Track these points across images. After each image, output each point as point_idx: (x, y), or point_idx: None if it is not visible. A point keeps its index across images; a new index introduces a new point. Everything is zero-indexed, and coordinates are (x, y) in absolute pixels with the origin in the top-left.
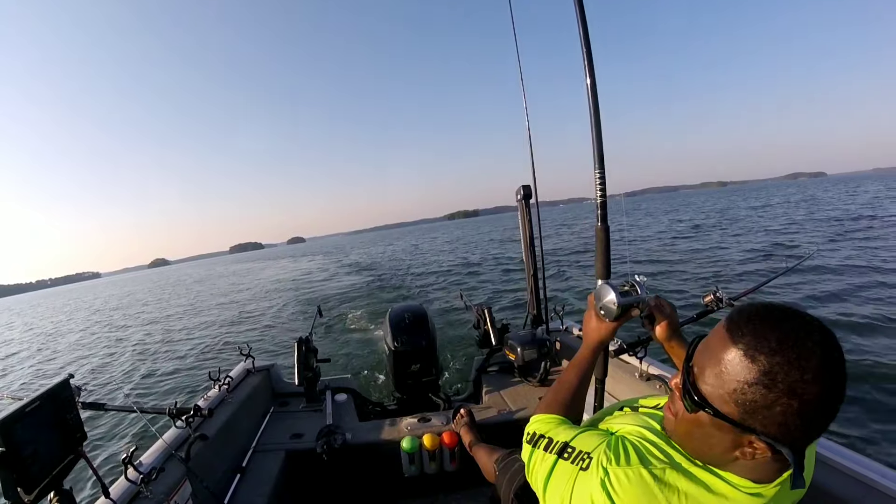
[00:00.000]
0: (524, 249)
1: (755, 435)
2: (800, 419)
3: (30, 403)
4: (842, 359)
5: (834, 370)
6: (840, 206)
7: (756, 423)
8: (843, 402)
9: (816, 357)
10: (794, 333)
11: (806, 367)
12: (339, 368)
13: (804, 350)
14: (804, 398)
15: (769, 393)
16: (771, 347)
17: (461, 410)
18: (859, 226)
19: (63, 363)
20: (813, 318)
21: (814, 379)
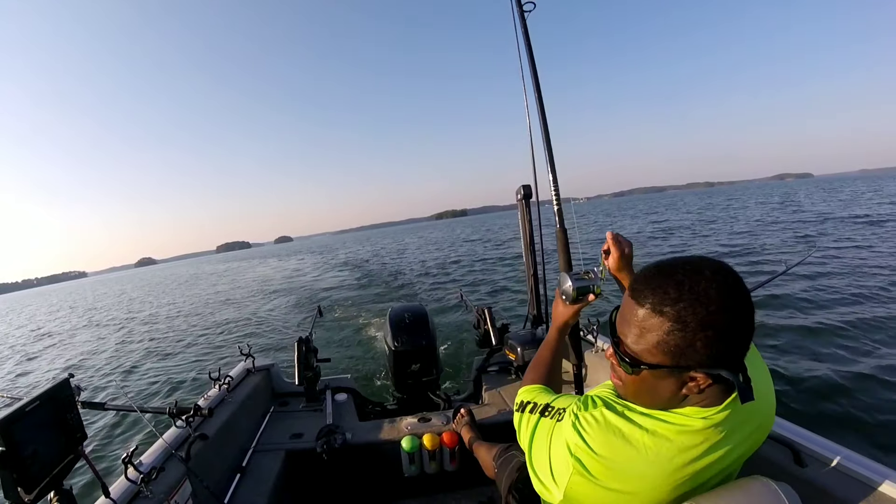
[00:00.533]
0: (524, 249)
1: (691, 370)
2: (721, 343)
3: (30, 403)
4: (736, 281)
5: (733, 294)
6: (810, 209)
7: (687, 361)
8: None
9: (713, 290)
10: (687, 278)
11: (707, 302)
12: (339, 368)
13: (699, 289)
14: (717, 326)
15: (686, 334)
16: (672, 298)
17: (461, 410)
18: (824, 227)
19: (63, 363)
20: (699, 258)
21: (718, 309)
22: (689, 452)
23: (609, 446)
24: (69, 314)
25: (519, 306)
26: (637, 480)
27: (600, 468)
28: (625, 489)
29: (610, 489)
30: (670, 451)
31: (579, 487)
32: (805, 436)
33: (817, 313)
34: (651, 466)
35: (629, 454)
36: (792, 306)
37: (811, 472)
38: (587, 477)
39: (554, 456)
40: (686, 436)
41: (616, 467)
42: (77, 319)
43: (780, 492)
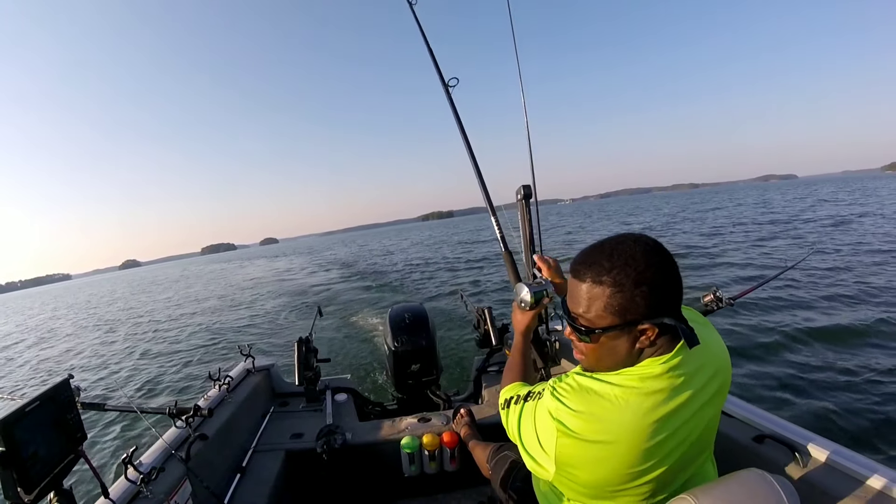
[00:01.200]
0: (524, 249)
1: (639, 324)
2: (657, 294)
3: (30, 403)
4: (656, 243)
5: (656, 253)
6: (781, 211)
7: (633, 316)
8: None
9: (638, 253)
10: (615, 249)
11: (636, 263)
12: (339, 368)
13: (627, 254)
14: (649, 281)
15: (625, 293)
16: (606, 267)
17: (461, 410)
18: (787, 228)
19: (62, 363)
20: (618, 234)
21: (646, 267)
22: (656, 396)
23: (585, 402)
24: (66, 315)
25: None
26: (615, 427)
27: (580, 423)
28: (607, 439)
29: (593, 442)
30: (638, 396)
31: (567, 449)
32: (805, 436)
33: (798, 313)
34: (624, 412)
35: (604, 405)
36: (780, 307)
37: (811, 472)
38: (571, 435)
39: (539, 427)
40: (649, 381)
41: (594, 419)
42: (75, 320)
43: (776, 483)
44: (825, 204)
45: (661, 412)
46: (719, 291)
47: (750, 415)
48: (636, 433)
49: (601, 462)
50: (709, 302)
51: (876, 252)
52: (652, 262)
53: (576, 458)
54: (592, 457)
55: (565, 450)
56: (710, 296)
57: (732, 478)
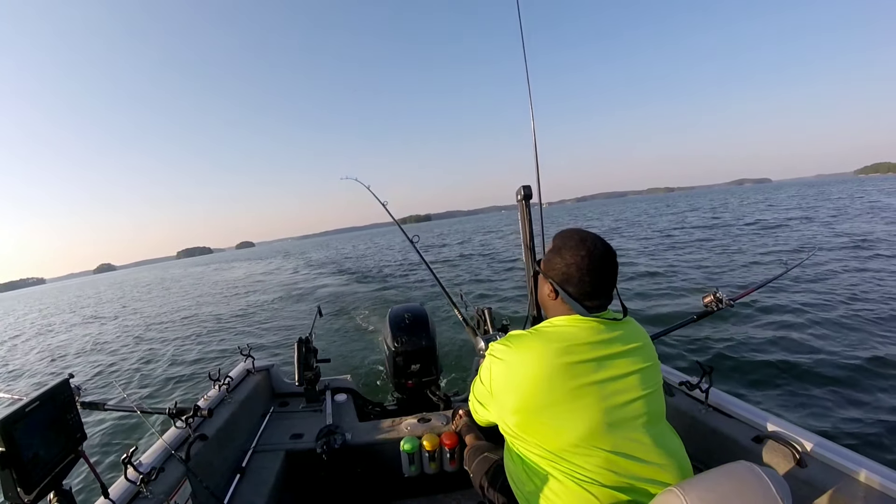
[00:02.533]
0: (524, 250)
1: (549, 279)
2: (571, 269)
3: (30, 403)
4: (595, 243)
5: (585, 245)
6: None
7: (548, 271)
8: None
9: (576, 236)
10: (575, 232)
11: (571, 243)
12: (339, 369)
13: (574, 235)
14: (570, 259)
15: (553, 254)
16: (559, 236)
17: (461, 411)
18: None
19: (62, 363)
20: (581, 230)
21: (575, 249)
22: (564, 333)
23: (513, 338)
24: (58, 316)
25: (520, 307)
26: (528, 349)
27: (505, 349)
28: (522, 358)
29: (514, 363)
30: (549, 331)
31: (497, 373)
32: (805, 436)
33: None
34: (536, 339)
35: (524, 337)
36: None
37: (811, 472)
38: (498, 360)
39: (481, 372)
40: (558, 325)
41: (515, 346)
42: (69, 321)
43: (765, 474)
44: (770, 208)
45: (566, 344)
46: (719, 292)
47: (750, 415)
48: (544, 353)
49: (520, 378)
50: (709, 303)
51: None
52: (582, 250)
53: (503, 379)
54: (514, 375)
55: (496, 375)
56: (710, 297)
57: (721, 470)
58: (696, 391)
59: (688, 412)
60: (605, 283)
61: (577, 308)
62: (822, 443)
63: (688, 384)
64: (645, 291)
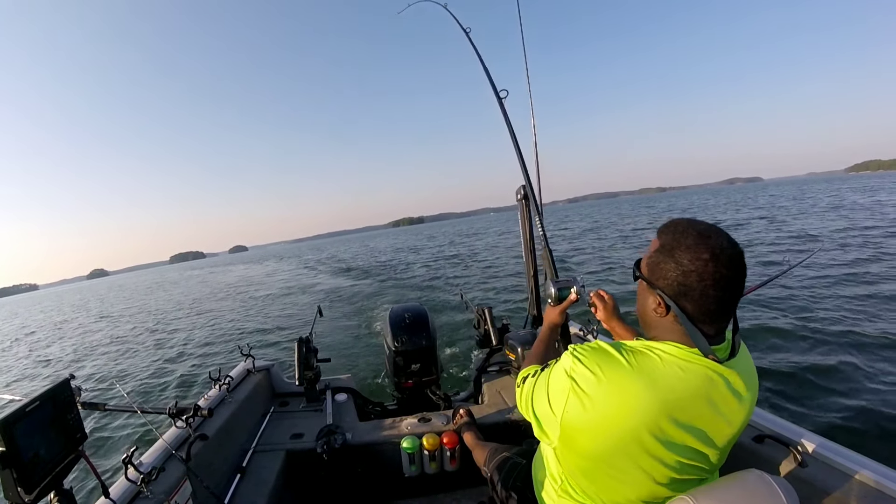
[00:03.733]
0: (524, 250)
1: (657, 290)
2: (689, 279)
3: (30, 403)
4: (727, 244)
5: (709, 248)
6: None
7: (656, 279)
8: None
9: (700, 236)
10: (692, 224)
11: (688, 242)
12: (339, 368)
13: (691, 231)
14: (686, 264)
15: (662, 255)
16: (668, 228)
17: (461, 411)
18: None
19: (63, 363)
20: (699, 223)
21: (694, 250)
22: (672, 376)
23: (602, 362)
24: (64, 319)
25: (519, 306)
26: (626, 395)
27: (593, 382)
28: (614, 403)
29: (601, 404)
30: (657, 368)
31: (574, 410)
32: (805, 435)
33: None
34: (637, 381)
35: (619, 369)
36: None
37: (811, 472)
38: (581, 393)
39: (552, 389)
40: (669, 358)
41: (605, 381)
42: (73, 323)
43: (776, 484)
44: (741, 208)
45: (675, 395)
46: None
47: None
48: (646, 403)
49: (604, 430)
50: None
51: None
52: (704, 251)
53: (581, 423)
54: (597, 423)
55: (573, 411)
56: None
57: (733, 479)
58: None
59: None
60: (731, 300)
61: (694, 336)
62: (823, 443)
63: None
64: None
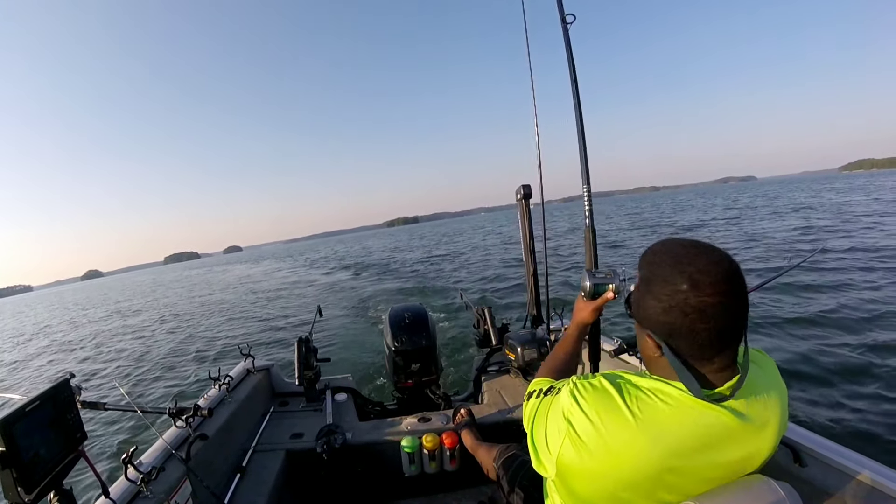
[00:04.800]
0: (524, 249)
1: (646, 330)
2: (673, 313)
3: (30, 403)
4: (699, 269)
5: (689, 280)
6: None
7: (641, 318)
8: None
9: (667, 269)
10: (660, 260)
11: (666, 281)
12: (339, 368)
13: (663, 270)
14: (665, 295)
15: (641, 291)
16: (647, 254)
17: (461, 410)
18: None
19: (62, 363)
20: (678, 243)
21: (670, 290)
22: (674, 423)
23: (601, 407)
24: (68, 318)
25: (519, 306)
26: (627, 450)
27: (590, 433)
28: (613, 459)
29: (598, 456)
30: (656, 419)
31: (569, 456)
32: (805, 436)
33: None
34: (639, 435)
35: (619, 419)
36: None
37: (811, 472)
38: (577, 441)
39: (549, 426)
40: (671, 404)
41: (604, 432)
42: (73, 322)
43: (782, 491)
44: (710, 209)
45: (675, 446)
46: None
47: None
48: (644, 455)
49: (600, 479)
50: None
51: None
52: (682, 281)
53: (576, 468)
54: (593, 471)
55: (568, 455)
56: None
57: (737, 484)
58: None
59: None
60: (730, 328)
61: (688, 383)
62: (822, 442)
63: None
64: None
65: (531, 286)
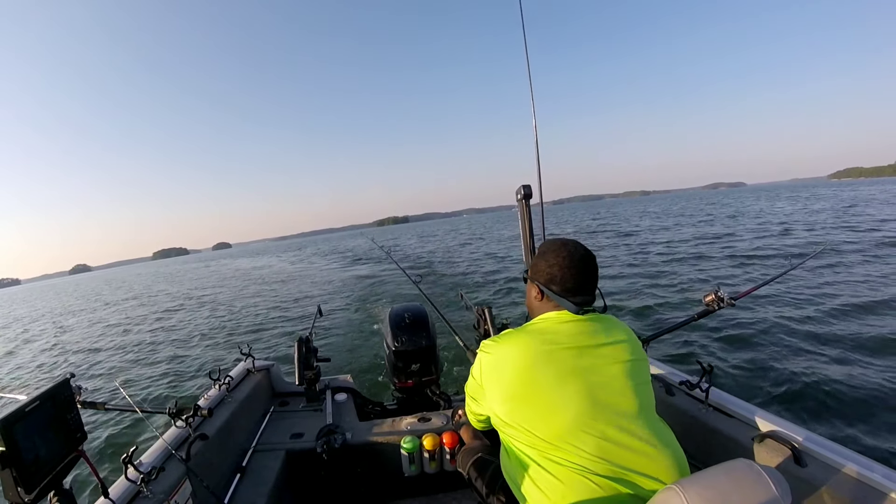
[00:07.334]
0: (524, 249)
1: (535, 282)
2: (552, 271)
3: (30, 403)
4: (574, 247)
5: (561, 250)
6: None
7: (534, 276)
8: None
9: (557, 246)
10: (551, 243)
11: (550, 249)
12: (339, 368)
13: (552, 243)
14: (549, 262)
15: (537, 261)
16: (541, 251)
17: (460, 411)
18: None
19: (63, 363)
20: (562, 238)
21: (555, 253)
22: (545, 326)
23: (501, 334)
24: (62, 315)
25: (519, 306)
26: (511, 342)
27: (492, 344)
28: (506, 350)
29: (499, 356)
30: (533, 325)
31: (485, 366)
32: (805, 436)
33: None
34: (520, 333)
35: (510, 332)
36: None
37: (811, 472)
38: (486, 353)
39: (473, 369)
40: (543, 319)
41: (501, 340)
42: (75, 321)
43: (764, 472)
44: (663, 216)
45: (549, 335)
46: (721, 291)
47: (750, 414)
48: (528, 342)
49: (505, 369)
50: (710, 302)
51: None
52: (563, 252)
53: (490, 372)
54: (499, 367)
55: (485, 367)
56: (711, 296)
57: (720, 468)
58: (696, 391)
59: (688, 411)
60: (587, 280)
61: (563, 303)
62: (822, 442)
63: (688, 384)
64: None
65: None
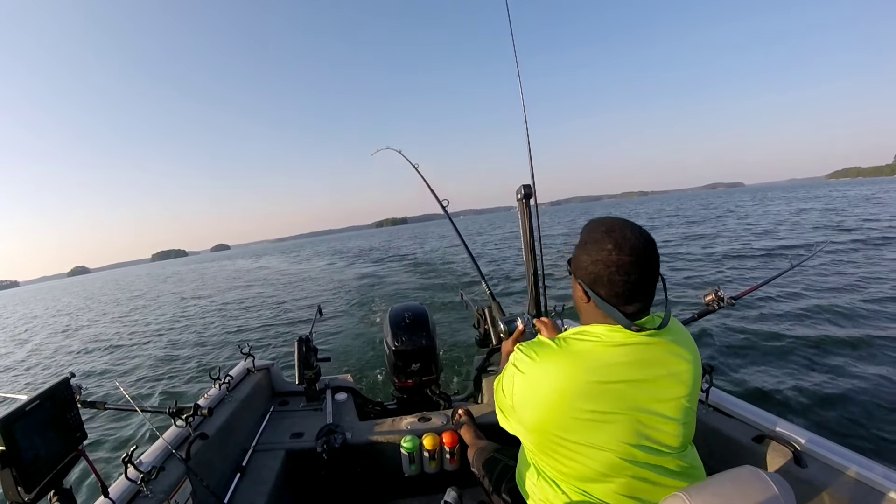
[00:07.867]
0: (524, 249)
1: (577, 279)
2: (599, 266)
3: (30, 402)
4: (630, 235)
5: (617, 239)
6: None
7: (576, 271)
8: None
9: (602, 228)
10: (594, 227)
11: (598, 232)
12: (339, 368)
13: (595, 234)
14: (598, 252)
15: (578, 249)
16: (582, 239)
17: (460, 410)
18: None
19: (63, 362)
20: (610, 219)
21: (603, 239)
22: (593, 348)
23: (537, 349)
24: (61, 315)
25: (519, 306)
26: (551, 366)
27: (528, 363)
28: (543, 374)
29: (535, 378)
30: (579, 343)
31: (519, 388)
32: (805, 436)
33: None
34: (560, 355)
35: (548, 349)
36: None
37: (811, 472)
38: (521, 374)
39: (506, 380)
40: (591, 335)
41: (538, 360)
42: (71, 320)
43: (771, 480)
44: (657, 215)
45: (598, 362)
46: (720, 291)
47: (750, 415)
48: (572, 369)
49: (540, 397)
50: (710, 301)
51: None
52: (608, 243)
53: (523, 394)
54: (534, 392)
55: (518, 388)
56: (711, 295)
57: (726, 475)
58: None
59: None
60: (643, 281)
61: (612, 314)
62: (822, 442)
63: None
64: None
65: (531, 286)
